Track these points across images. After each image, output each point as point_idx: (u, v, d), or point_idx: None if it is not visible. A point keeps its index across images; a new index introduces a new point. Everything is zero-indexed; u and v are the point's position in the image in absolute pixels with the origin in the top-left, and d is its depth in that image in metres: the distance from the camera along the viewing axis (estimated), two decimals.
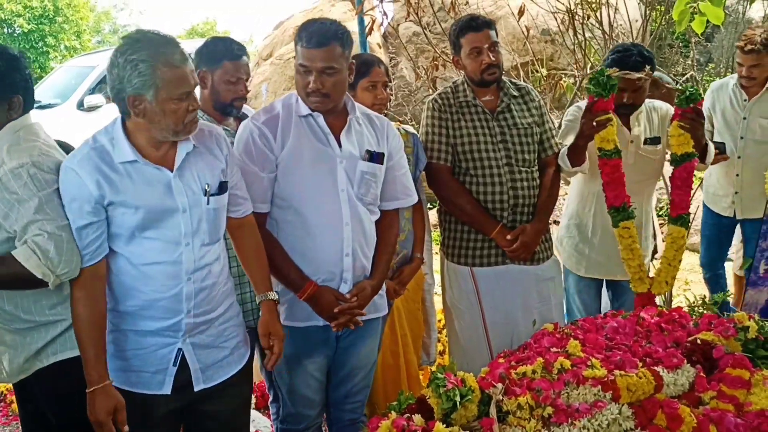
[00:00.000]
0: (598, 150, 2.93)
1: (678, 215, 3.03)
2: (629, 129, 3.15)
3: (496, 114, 3.01)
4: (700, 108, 2.94)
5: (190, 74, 1.98)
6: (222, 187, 2.13)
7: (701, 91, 3.02)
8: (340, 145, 2.38)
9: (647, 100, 3.21)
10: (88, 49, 20.04)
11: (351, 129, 2.42)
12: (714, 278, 4.10)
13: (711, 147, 3.17)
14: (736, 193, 3.84)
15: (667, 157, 3.15)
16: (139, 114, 1.95)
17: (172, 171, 2.03)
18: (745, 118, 3.78)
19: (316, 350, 2.46)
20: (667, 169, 3.18)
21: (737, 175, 3.81)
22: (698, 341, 2.29)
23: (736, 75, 3.90)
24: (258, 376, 2.82)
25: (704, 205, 4.09)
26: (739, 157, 3.79)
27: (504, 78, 3.10)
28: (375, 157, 2.43)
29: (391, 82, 3.05)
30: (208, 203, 2.08)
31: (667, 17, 4.88)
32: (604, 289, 3.39)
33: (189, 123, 2.00)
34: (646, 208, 3.26)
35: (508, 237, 2.94)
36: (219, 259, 2.16)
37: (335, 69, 2.30)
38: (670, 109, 3.17)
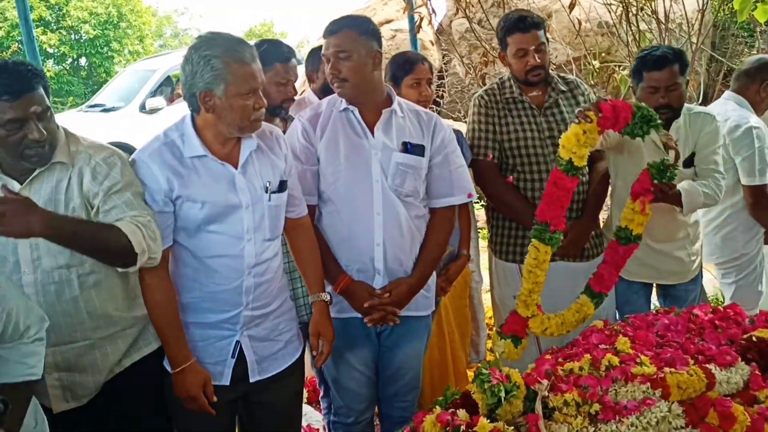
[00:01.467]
0: (559, 158, 2.38)
1: (599, 292, 2.60)
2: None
3: (543, 110, 2.98)
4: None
5: (258, 73, 2.07)
6: (282, 186, 2.21)
7: None
8: (374, 138, 2.43)
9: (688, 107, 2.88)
10: (151, 53, 20.62)
11: (389, 121, 2.45)
12: None
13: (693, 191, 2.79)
14: None
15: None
16: (209, 109, 2.04)
17: (236, 168, 2.11)
18: None
19: (357, 343, 2.50)
20: None
21: None
22: (754, 338, 2.23)
23: None
24: (309, 371, 2.87)
25: None
26: None
27: (552, 72, 3.06)
28: (412, 149, 2.44)
29: (442, 78, 3.07)
30: (269, 200, 2.16)
31: (729, 6, 4.73)
32: (654, 296, 3.26)
33: (255, 120, 2.08)
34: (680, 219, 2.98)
35: None
36: (277, 255, 2.24)
37: (347, 53, 2.35)
38: (709, 120, 2.86)
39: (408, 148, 2.44)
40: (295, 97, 3.21)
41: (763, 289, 3.32)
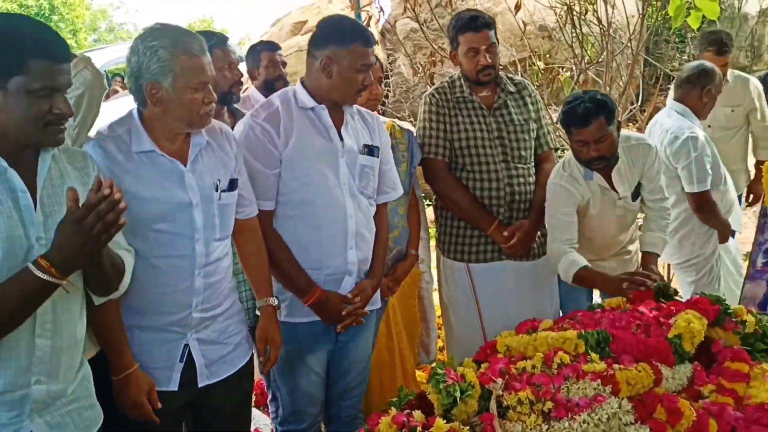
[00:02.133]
0: None
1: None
2: (614, 189, 2.83)
3: (492, 110, 3.01)
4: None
5: (208, 66, 2.00)
6: (232, 184, 2.15)
7: None
8: (341, 140, 2.39)
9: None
10: (84, 48, 20.01)
11: (348, 124, 2.43)
12: None
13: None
14: None
15: None
16: (155, 102, 1.97)
17: (185, 165, 2.05)
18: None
19: (318, 345, 2.46)
20: None
21: None
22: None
23: None
24: (257, 374, 2.81)
25: None
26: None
27: (501, 73, 3.09)
28: (372, 151, 2.45)
29: (387, 78, 3.06)
30: (219, 199, 2.10)
31: (664, 13, 4.88)
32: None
33: (204, 115, 2.02)
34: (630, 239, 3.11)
35: (505, 233, 2.94)
36: (228, 255, 2.19)
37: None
38: (647, 150, 2.91)
39: (371, 150, 2.45)
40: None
41: (722, 288, 3.45)
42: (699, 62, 3.64)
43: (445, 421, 1.77)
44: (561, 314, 3.15)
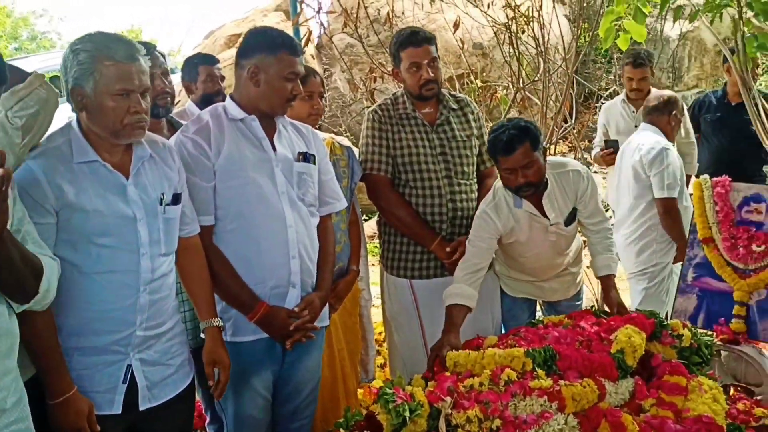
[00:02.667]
0: None
1: None
2: (545, 215, 2.82)
3: (435, 126, 3.02)
4: None
5: (137, 74, 1.92)
6: (176, 198, 2.09)
7: None
8: (274, 149, 2.36)
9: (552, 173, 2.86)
10: (6, 56, 19.24)
11: (281, 133, 2.41)
12: None
13: None
14: None
15: None
16: (81, 108, 1.91)
17: (127, 177, 1.98)
18: (636, 126, 4.04)
19: (263, 365, 2.38)
20: None
21: None
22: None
23: (622, 93, 4.54)
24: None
25: None
26: None
27: (443, 90, 3.11)
28: (308, 158, 2.43)
29: (325, 93, 3.03)
30: (164, 212, 2.04)
31: (593, 34, 5.03)
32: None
33: (129, 125, 1.93)
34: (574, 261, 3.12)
35: (448, 249, 2.94)
36: (172, 272, 2.12)
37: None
38: (578, 176, 2.90)
39: (306, 157, 2.41)
40: (175, 109, 3.05)
41: (669, 301, 3.57)
42: (664, 92, 3.94)
43: None
44: (503, 329, 3.17)
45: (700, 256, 3.24)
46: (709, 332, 2.78)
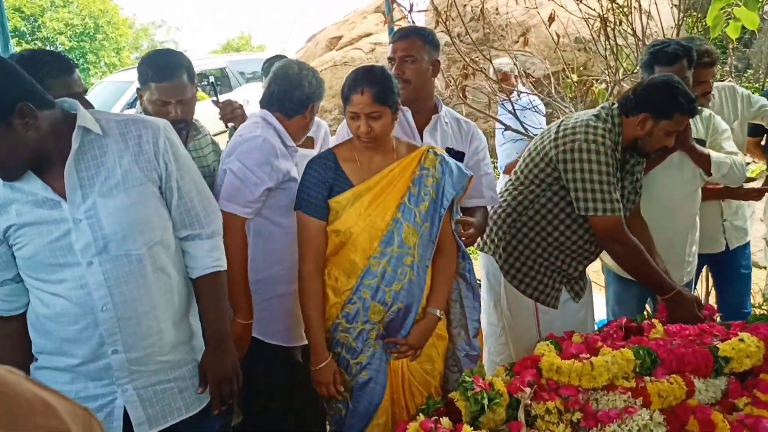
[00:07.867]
0: None
1: None
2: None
3: None
4: None
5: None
6: None
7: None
8: (422, 140, 2.56)
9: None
10: (127, 65, 20.50)
11: (435, 126, 2.61)
12: None
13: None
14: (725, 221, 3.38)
15: None
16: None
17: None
18: None
19: None
20: None
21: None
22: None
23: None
24: None
25: None
26: None
27: None
28: (454, 155, 2.52)
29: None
30: None
31: (702, 23, 4.82)
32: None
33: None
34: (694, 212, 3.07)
35: None
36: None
37: (413, 57, 2.60)
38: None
39: (452, 153, 2.52)
40: None
41: None
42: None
43: (472, 428, 1.78)
44: (596, 326, 3.08)
45: None
46: None
